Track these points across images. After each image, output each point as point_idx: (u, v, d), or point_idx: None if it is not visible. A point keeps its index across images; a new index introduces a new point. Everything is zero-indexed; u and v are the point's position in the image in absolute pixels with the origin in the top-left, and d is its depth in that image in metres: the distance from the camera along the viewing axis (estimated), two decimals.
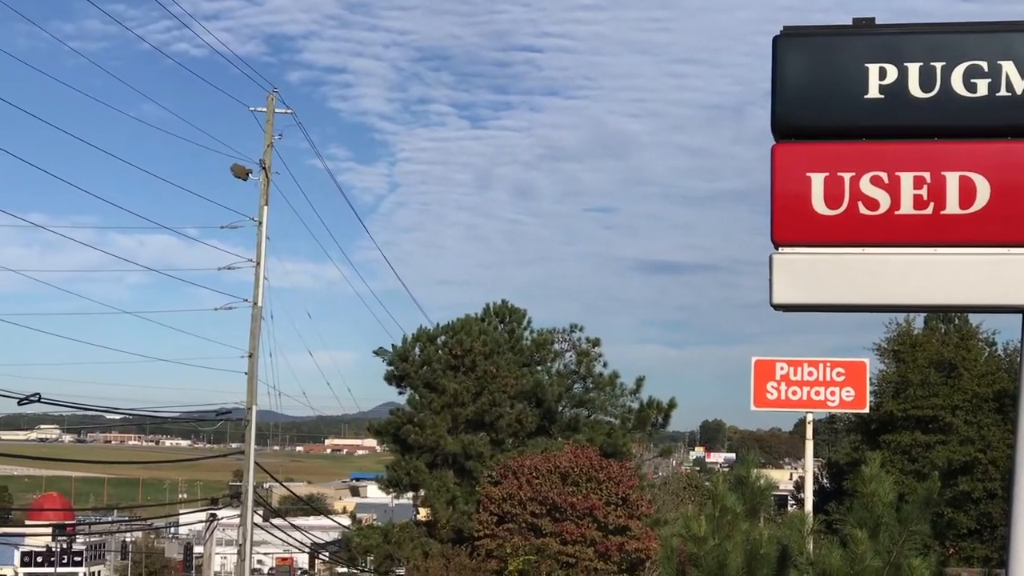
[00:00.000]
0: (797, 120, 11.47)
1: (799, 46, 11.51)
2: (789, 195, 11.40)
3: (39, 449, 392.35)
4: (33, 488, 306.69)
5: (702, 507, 13.77)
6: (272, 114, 43.43)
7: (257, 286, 43.07)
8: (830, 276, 11.49)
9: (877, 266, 11.40)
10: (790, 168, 11.42)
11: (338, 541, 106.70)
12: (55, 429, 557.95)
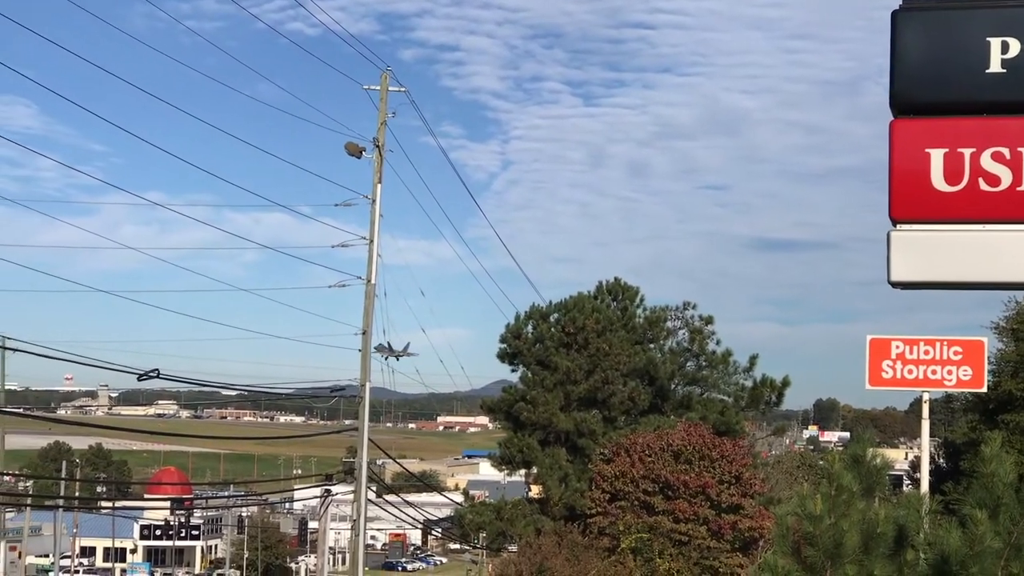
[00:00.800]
0: (916, 96, 11.31)
1: (918, 20, 11.33)
2: (908, 172, 11.25)
3: (157, 424, 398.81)
4: (151, 463, 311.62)
5: (817, 486, 13.65)
6: (385, 92, 43.60)
7: (370, 263, 43.28)
8: (949, 253, 11.33)
9: (997, 243, 11.23)
10: (909, 144, 11.27)
11: (450, 518, 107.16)
12: (172, 405, 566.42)
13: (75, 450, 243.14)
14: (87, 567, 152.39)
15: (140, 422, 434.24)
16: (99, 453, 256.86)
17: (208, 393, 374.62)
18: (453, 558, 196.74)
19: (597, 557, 51.35)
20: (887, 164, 11.25)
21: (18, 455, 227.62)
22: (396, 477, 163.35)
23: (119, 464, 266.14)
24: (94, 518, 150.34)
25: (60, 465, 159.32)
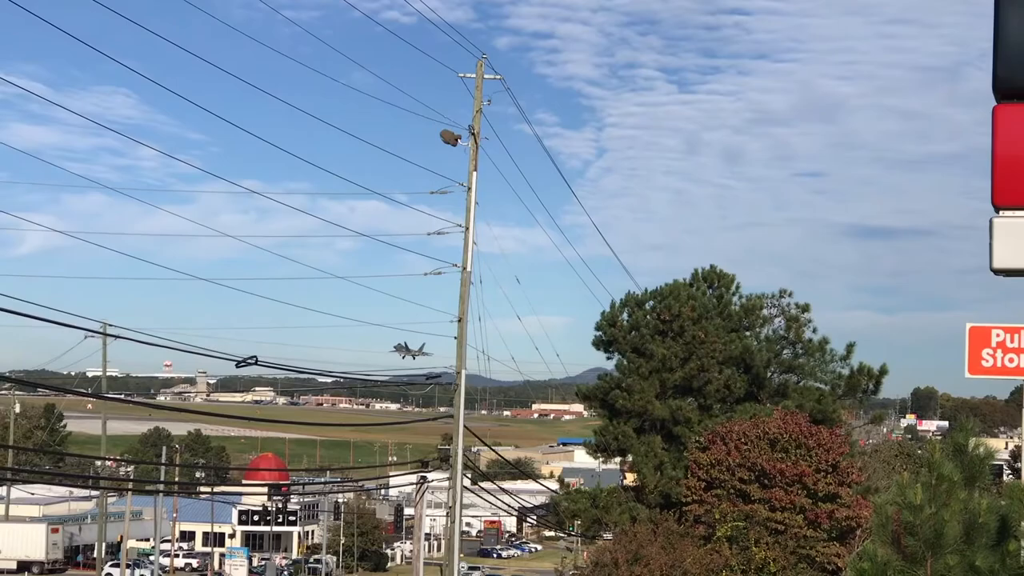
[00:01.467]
0: (1021, 81, 11.15)
1: (1022, 4, 11.17)
2: (1011, 158, 11.10)
3: (254, 411, 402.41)
4: (249, 449, 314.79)
5: (917, 475, 13.51)
6: (481, 80, 43.67)
7: (466, 251, 43.41)
8: None
9: None
10: (1013, 130, 11.12)
11: (546, 505, 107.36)
12: (269, 391, 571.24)
13: (174, 436, 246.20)
14: (187, 551, 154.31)
15: (238, 408, 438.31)
16: (198, 439, 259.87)
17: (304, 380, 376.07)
18: (548, 545, 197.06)
19: (693, 545, 51.22)
20: (989, 150, 11.10)
21: (119, 440, 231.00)
22: (491, 464, 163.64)
23: (217, 450, 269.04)
24: (193, 503, 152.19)
25: (160, 450, 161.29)
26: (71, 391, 52.08)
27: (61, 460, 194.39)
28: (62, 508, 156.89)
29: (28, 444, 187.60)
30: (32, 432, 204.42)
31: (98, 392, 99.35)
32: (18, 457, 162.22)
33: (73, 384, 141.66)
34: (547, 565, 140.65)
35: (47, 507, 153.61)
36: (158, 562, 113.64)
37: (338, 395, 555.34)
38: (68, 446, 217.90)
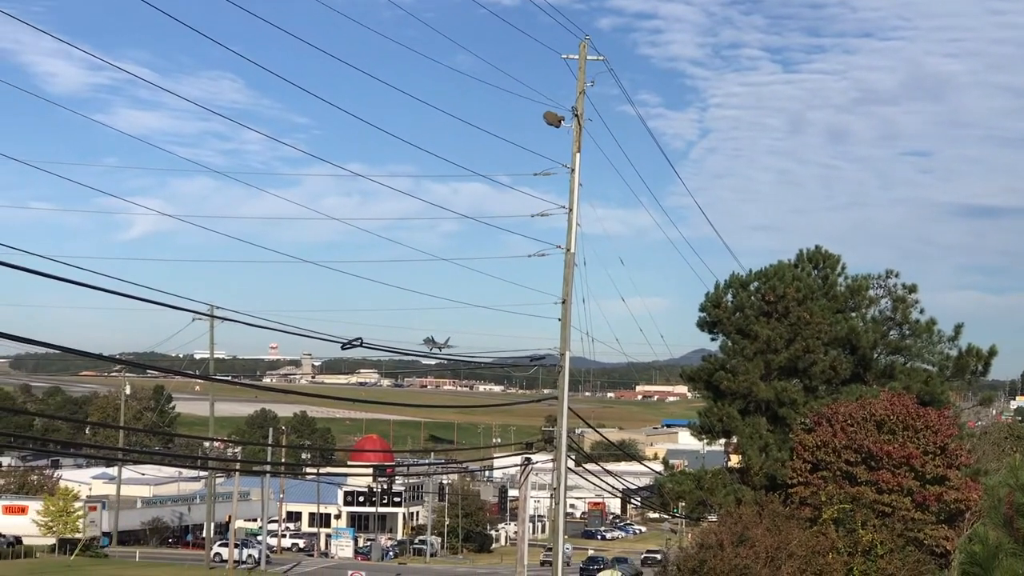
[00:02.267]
0: None
1: None
2: None
3: (359, 392, 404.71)
4: (354, 430, 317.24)
5: None
6: (584, 61, 43.54)
7: (570, 232, 43.34)
8: None
9: None
10: None
11: (650, 487, 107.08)
12: (374, 373, 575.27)
13: (280, 417, 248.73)
14: (293, 531, 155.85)
15: (342, 390, 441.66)
16: (304, 420, 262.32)
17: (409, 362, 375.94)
18: (652, 527, 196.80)
19: (798, 527, 50.89)
20: None
21: (227, 422, 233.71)
22: (595, 446, 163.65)
23: (323, 431, 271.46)
24: (300, 484, 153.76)
25: (267, 432, 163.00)
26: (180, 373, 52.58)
27: (170, 441, 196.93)
28: (171, 488, 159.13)
29: (138, 425, 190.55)
30: (142, 413, 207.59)
31: (206, 374, 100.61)
32: (129, 438, 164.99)
33: (181, 366, 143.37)
34: (651, 546, 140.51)
35: (156, 487, 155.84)
36: (266, 542, 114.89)
37: (442, 377, 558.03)
38: (177, 427, 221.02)
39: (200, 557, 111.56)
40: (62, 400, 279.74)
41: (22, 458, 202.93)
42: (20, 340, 22.81)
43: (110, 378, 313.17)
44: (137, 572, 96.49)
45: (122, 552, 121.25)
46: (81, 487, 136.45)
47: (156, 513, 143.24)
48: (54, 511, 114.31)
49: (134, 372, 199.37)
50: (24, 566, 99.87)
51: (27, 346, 23.86)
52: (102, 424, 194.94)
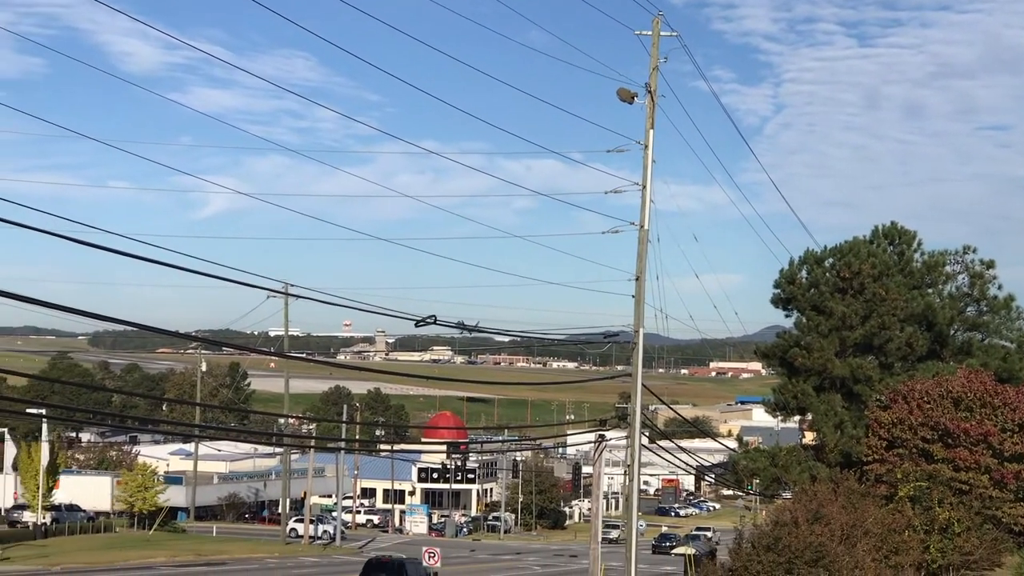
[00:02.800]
0: None
1: None
2: None
3: (432, 370, 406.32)
4: (427, 407, 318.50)
5: None
6: (657, 37, 43.34)
7: (643, 209, 43.21)
8: None
9: None
10: None
11: (724, 464, 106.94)
12: (447, 350, 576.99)
13: (355, 394, 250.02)
14: (368, 507, 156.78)
15: (416, 367, 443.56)
16: (378, 397, 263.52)
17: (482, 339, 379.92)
18: (726, 504, 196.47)
19: (874, 505, 50.63)
20: None
21: (301, 399, 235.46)
22: (669, 423, 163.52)
23: (397, 408, 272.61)
24: (374, 461, 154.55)
25: (341, 408, 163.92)
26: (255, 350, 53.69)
27: (246, 417, 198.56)
28: (247, 464, 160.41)
29: (214, 402, 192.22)
30: (217, 390, 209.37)
31: (280, 351, 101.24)
32: (204, 414, 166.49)
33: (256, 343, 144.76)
34: (725, 523, 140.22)
35: (232, 463, 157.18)
36: (340, 518, 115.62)
37: (515, 354, 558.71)
38: (252, 404, 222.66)
39: (276, 533, 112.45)
40: (140, 377, 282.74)
41: (101, 434, 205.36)
42: (98, 317, 23.09)
43: (186, 355, 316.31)
44: (214, 547, 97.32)
45: (199, 527, 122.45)
46: (159, 463, 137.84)
47: (232, 489, 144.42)
48: (133, 486, 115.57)
49: (210, 349, 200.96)
50: (103, 540, 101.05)
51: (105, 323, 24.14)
52: (179, 401, 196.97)
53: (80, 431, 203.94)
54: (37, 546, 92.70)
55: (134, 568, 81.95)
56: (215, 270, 24.12)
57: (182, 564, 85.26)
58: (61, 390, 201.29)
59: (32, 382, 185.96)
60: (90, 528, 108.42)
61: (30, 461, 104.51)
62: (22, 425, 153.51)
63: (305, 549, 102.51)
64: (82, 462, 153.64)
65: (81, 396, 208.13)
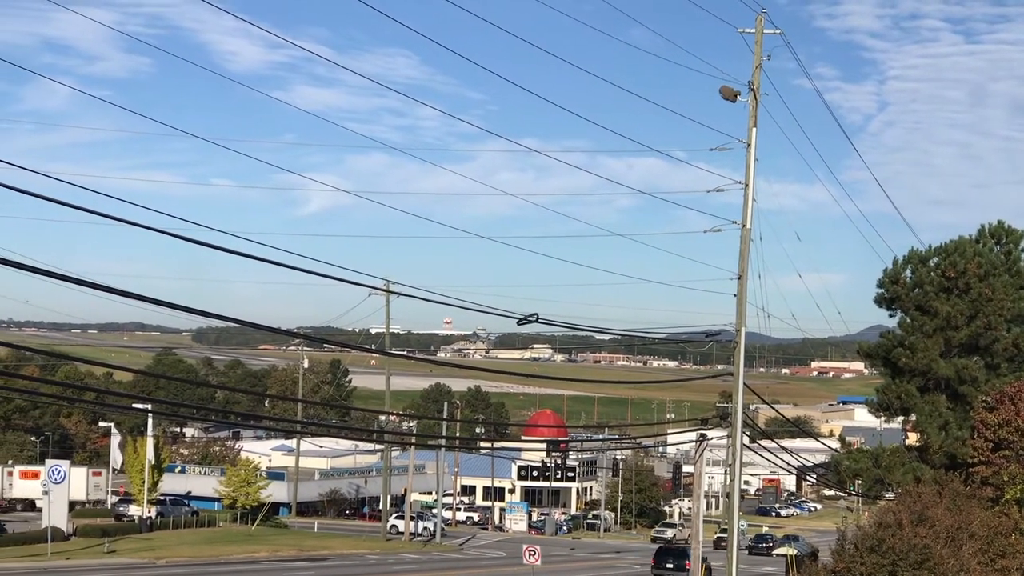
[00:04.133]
0: None
1: None
2: None
3: (532, 367, 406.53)
4: (527, 405, 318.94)
5: None
6: (760, 35, 43.08)
7: (746, 208, 42.98)
8: None
9: None
10: None
11: (826, 464, 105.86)
12: (547, 348, 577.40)
13: (455, 391, 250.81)
14: (468, 505, 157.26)
15: (516, 365, 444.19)
16: (478, 395, 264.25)
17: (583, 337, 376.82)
18: (827, 504, 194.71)
19: (980, 507, 49.95)
20: None
21: (402, 396, 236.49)
22: (769, 422, 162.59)
23: (497, 406, 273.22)
24: (474, 458, 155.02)
25: (441, 406, 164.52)
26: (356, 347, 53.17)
27: (347, 414, 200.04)
28: (348, 461, 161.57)
29: (315, 398, 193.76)
30: (319, 387, 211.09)
31: (382, 348, 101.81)
32: (306, 410, 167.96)
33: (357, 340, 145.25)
34: (827, 524, 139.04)
35: (334, 459, 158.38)
36: (440, 515, 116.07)
37: (616, 352, 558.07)
38: (353, 400, 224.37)
39: (376, 529, 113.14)
40: (242, 373, 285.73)
41: (204, 429, 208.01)
42: (203, 314, 23.35)
43: (288, 352, 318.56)
44: (316, 542, 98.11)
45: (301, 522, 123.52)
46: (261, 458, 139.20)
47: (333, 485, 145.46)
48: (236, 481, 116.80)
49: (312, 346, 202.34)
50: (207, 534, 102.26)
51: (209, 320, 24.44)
52: (281, 397, 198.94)
53: (184, 426, 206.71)
54: (142, 539, 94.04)
55: (237, 562, 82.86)
56: (317, 267, 24.32)
57: (284, 559, 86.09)
58: (166, 386, 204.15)
59: (138, 377, 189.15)
60: (194, 522, 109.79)
61: (136, 456, 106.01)
62: (128, 420, 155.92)
63: (405, 546, 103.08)
64: (186, 457, 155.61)
65: (185, 392, 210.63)
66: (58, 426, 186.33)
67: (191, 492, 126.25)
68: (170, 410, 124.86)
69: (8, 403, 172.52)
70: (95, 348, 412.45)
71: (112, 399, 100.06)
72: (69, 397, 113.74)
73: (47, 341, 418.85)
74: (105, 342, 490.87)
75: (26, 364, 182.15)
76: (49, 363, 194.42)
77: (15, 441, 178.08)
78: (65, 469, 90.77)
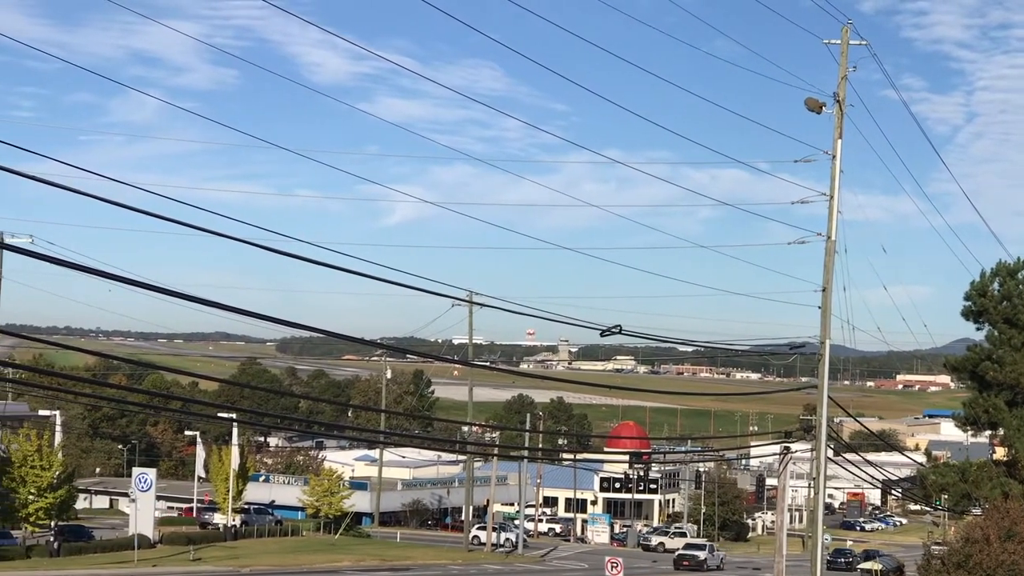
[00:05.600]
0: None
1: None
2: None
3: (615, 379, 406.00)
4: (610, 417, 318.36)
5: None
6: (846, 46, 42.82)
7: (831, 220, 42.72)
8: None
9: None
10: None
11: (911, 478, 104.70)
12: (630, 360, 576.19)
13: (537, 403, 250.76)
14: (550, 516, 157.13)
15: (598, 376, 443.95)
16: (560, 406, 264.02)
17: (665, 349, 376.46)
18: (913, 519, 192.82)
19: None
20: None
21: (485, 407, 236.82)
22: (854, 435, 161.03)
23: (579, 417, 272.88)
24: (556, 469, 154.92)
25: (524, 417, 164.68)
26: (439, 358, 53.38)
27: (429, 425, 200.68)
28: (431, 471, 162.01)
29: (398, 408, 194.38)
30: (402, 397, 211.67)
31: (464, 359, 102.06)
32: (389, 421, 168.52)
33: (440, 351, 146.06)
34: (912, 539, 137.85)
35: (416, 470, 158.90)
36: (523, 526, 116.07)
37: (698, 364, 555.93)
38: (436, 411, 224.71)
39: (459, 540, 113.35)
40: (326, 383, 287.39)
41: (289, 439, 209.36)
42: (287, 324, 23.52)
43: (371, 362, 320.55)
44: (398, 552, 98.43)
45: (383, 532, 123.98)
46: (344, 468, 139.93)
47: (416, 495, 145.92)
48: (319, 491, 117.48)
49: (394, 356, 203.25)
50: (291, 544, 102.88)
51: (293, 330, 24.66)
52: (364, 407, 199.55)
53: (268, 435, 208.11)
54: (227, 547, 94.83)
55: (321, 571, 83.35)
56: (400, 278, 24.43)
57: (367, 569, 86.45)
58: (250, 395, 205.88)
59: (223, 387, 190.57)
60: (277, 531, 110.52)
61: (221, 464, 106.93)
62: (213, 429, 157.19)
63: (487, 557, 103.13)
64: (270, 466, 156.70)
65: (269, 401, 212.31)
66: (144, 434, 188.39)
67: (275, 501, 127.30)
68: (254, 419, 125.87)
69: (96, 411, 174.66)
70: (181, 357, 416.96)
71: (197, 408, 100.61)
72: (155, 406, 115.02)
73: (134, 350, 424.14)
74: (191, 351, 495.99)
75: (114, 373, 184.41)
76: (136, 372, 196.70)
77: (103, 449, 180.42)
78: (151, 477, 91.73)
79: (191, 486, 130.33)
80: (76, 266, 18.10)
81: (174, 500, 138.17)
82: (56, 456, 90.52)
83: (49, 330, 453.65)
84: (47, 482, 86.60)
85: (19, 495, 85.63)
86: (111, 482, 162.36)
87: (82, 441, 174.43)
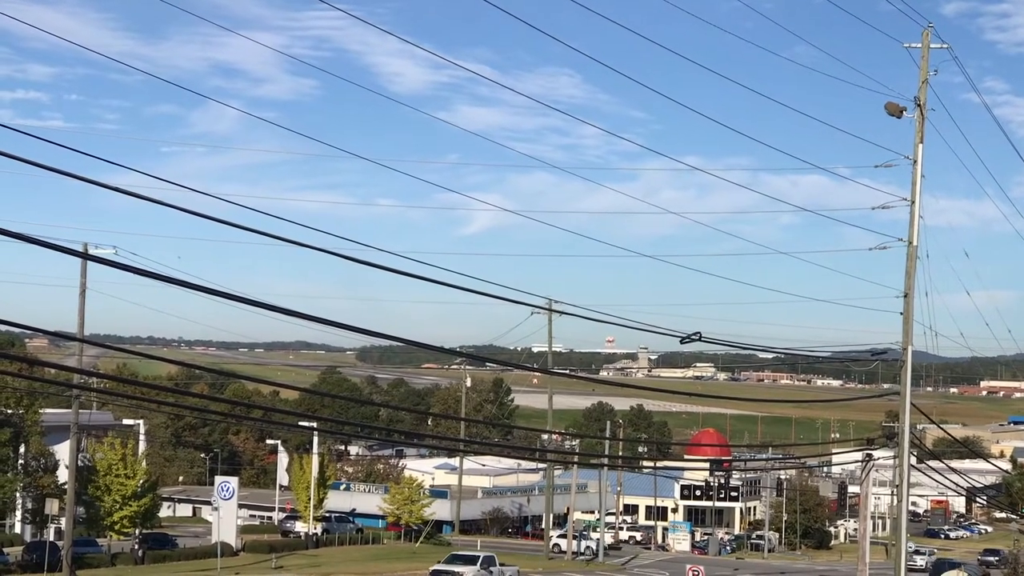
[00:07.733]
0: None
1: None
2: None
3: (695, 386, 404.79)
4: (690, 424, 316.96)
5: None
6: (927, 50, 42.42)
7: (912, 225, 42.31)
8: None
9: None
10: None
11: (996, 486, 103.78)
12: (710, 367, 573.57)
13: (617, 410, 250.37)
14: (630, 524, 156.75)
15: (679, 384, 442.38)
16: (640, 414, 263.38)
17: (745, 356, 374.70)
18: (998, 527, 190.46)
19: None
20: None
21: (564, 415, 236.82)
22: (937, 442, 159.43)
23: (659, 425, 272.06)
24: (636, 477, 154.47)
25: (604, 425, 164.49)
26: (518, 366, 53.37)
27: (509, 433, 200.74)
28: (510, 479, 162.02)
29: (478, 417, 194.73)
30: (482, 405, 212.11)
31: (544, 367, 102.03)
32: (469, 429, 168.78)
33: (519, 359, 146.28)
34: (998, 547, 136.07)
35: (496, 478, 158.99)
36: (603, 534, 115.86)
37: (779, 371, 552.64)
38: (515, 419, 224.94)
39: (539, 547, 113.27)
40: (405, 392, 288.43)
41: (369, 447, 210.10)
42: (367, 333, 23.65)
43: (451, 370, 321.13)
44: None
45: (464, 540, 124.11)
46: (424, 476, 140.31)
47: (496, 503, 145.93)
48: (400, 499, 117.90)
49: (474, 365, 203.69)
50: (371, 552, 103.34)
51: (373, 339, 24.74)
52: (444, 415, 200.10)
53: (349, 444, 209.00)
54: (308, 555, 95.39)
55: None
56: (480, 287, 24.50)
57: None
58: (331, 404, 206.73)
59: (303, 396, 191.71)
60: (358, 539, 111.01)
61: (302, 473, 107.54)
62: (294, 437, 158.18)
63: (568, 564, 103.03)
64: (350, 475, 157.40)
65: (350, 410, 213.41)
66: (226, 443, 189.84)
67: (355, 509, 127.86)
68: (335, 428, 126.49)
69: (179, 420, 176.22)
70: (262, 366, 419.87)
71: (278, 417, 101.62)
72: (237, 415, 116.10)
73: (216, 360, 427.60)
74: (271, 360, 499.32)
75: (196, 382, 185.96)
76: (218, 381, 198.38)
77: (185, 458, 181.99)
78: (234, 486, 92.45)
79: (272, 494, 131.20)
80: (159, 276, 18.29)
81: (256, 508, 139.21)
82: (140, 465, 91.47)
83: (132, 340, 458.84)
84: (131, 490, 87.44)
85: (104, 503, 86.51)
86: (194, 490, 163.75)
87: (165, 450, 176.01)
